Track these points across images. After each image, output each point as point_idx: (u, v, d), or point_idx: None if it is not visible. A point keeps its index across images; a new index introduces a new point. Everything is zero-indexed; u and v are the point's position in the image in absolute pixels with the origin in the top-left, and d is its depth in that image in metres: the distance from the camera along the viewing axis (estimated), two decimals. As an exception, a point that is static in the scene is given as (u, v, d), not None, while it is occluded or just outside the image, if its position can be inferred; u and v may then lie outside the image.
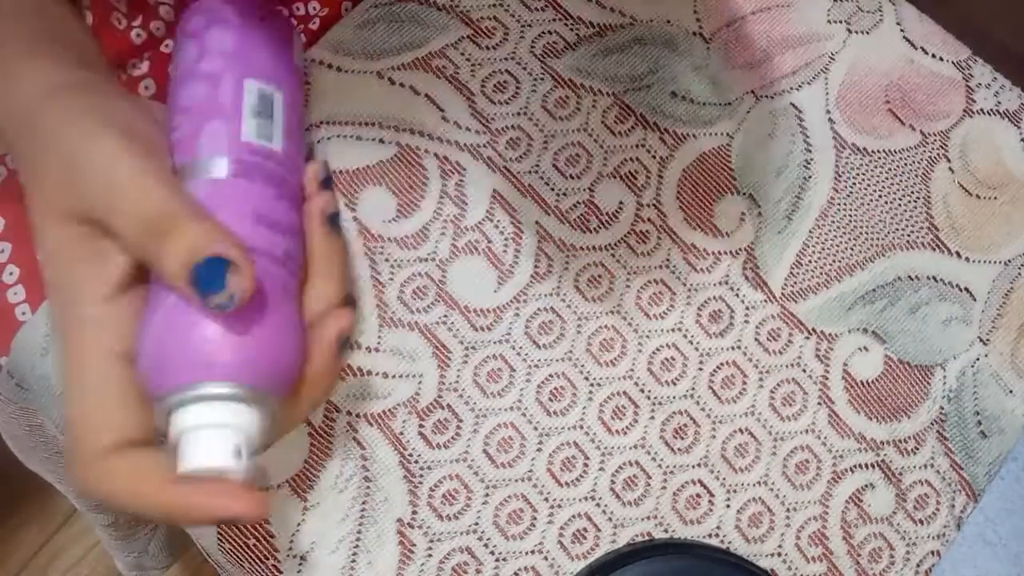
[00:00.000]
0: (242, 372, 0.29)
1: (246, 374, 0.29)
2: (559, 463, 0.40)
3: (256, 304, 0.30)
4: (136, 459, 0.29)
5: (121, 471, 0.29)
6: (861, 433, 0.42)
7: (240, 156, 0.32)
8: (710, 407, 0.41)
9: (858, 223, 0.44)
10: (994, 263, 0.44)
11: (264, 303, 0.30)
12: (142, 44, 0.43)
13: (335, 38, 0.44)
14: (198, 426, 0.28)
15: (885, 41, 0.46)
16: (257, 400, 0.29)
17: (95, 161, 0.29)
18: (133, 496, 0.29)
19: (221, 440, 0.29)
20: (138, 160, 0.29)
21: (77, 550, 0.96)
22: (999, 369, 0.44)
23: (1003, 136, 0.46)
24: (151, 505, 0.29)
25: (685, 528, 0.41)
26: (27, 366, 0.40)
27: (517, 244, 0.42)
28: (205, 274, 0.27)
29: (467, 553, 0.39)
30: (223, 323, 0.29)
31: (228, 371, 0.29)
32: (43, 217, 0.30)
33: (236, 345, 0.29)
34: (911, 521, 0.42)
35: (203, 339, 0.29)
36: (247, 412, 0.29)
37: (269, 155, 0.33)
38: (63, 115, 0.29)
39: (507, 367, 0.41)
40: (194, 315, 0.29)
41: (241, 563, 0.38)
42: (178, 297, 0.29)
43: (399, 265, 0.41)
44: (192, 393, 0.28)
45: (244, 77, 0.34)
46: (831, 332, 0.43)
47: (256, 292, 0.29)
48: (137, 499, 0.29)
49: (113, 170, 0.29)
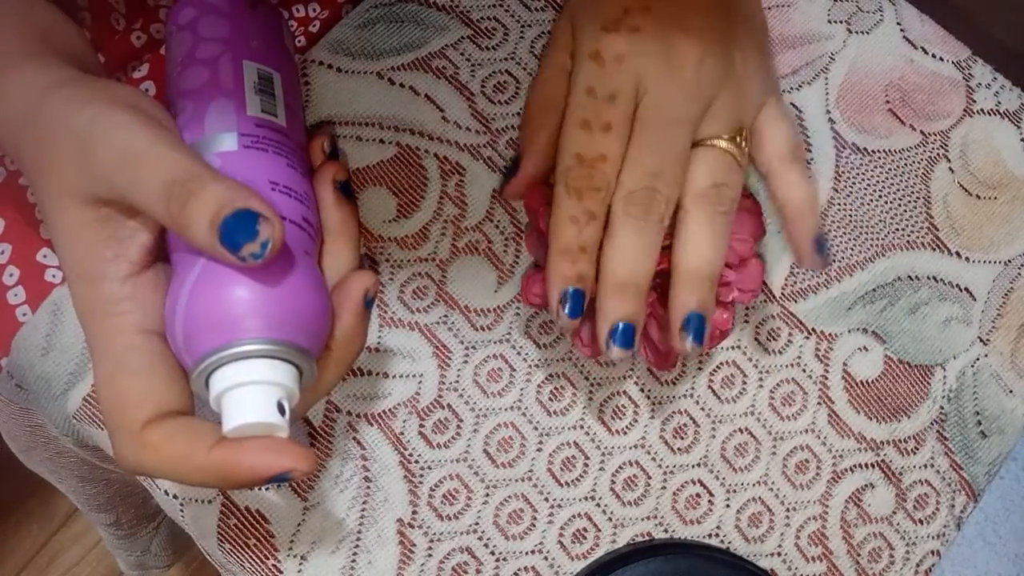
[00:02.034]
0: (277, 328, 0.29)
1: (281, 330, 0.29)
2: (559, 463, 0.40)
3: (283, 263, 0.30)
4: (177, 428, 0.29)
5: (163, 442, 0.29)
6: (861, 433, 0.42)
7: (247, 129, 0.33)
8: (710, 407, 0.41)
9: (858, 223, 0.44)
10: (994, 263, 0.44)
11: (291, 262, 0.30)
12: (142, 47, 0.43)
13: (335, 38, 0.44)
14: (240, 384, 0.29)
15: (885, 41, 0.46)
16: (293, 356, 0.29)
17: (110, 137, 0.29)
18: (180, 464, 0.29)
19: (264, 396, 0.29)
20: (151, 129, 0.29)
21: (77, 550, 0.96)
22: (999, 369, 0.44)
23: (1003, 136, 0.46)
24: (200, 470, 0.29)
25: (685, 528, 0.41)
26: (27, 366, 0.40)
27: (517, 244, 0.42)
28: (235, 225, 0.27)
29: (467, 553, 0.39)
30: (254, 282, 0.29)
31: (263, 328, 0.29)
32: (57, 204, 0.29)
33: (268, 303, 0.29)
34: (911, 521, 0.42)
35: (236, 299, 0.29)
36: (285, 368, 0.29)
37: (276, 128, 0.33)
38: (68, 104, 0.29)
39: (507, 367, 0.41)
40: (224, 277, 0.29)
41: (241, 563, 0.39)
42: (206, 261, 0.29)
43: (399, 265, 0.41)
44: (230, 352, 0.29)
45: (242, 59, 0.34)
46: (831, 332, 0.43)
47: (282, 251, 0.29)
48: (184, 467, 0.29)
49: (130, 142, 0.29)
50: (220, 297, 0.29)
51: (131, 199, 0.29)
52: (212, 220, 0.27)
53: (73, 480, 0.58)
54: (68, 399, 0.39)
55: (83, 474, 0.57)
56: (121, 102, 0.30)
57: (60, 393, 0.39)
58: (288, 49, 0.38)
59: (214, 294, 0.29)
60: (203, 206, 0.27)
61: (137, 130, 0.29)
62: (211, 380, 0.29)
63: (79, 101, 0.29)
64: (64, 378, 0.39)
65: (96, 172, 0.29)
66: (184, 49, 0.35)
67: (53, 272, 0.40)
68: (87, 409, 0.39)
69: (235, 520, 0.39)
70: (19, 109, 0.30)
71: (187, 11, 0.36)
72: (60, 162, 0.29)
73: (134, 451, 0.29)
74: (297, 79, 0.38)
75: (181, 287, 0.30)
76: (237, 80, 0.34)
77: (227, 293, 0.29)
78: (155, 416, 0.29)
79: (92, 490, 0.61)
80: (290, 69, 0.37)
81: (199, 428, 0.29)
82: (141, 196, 0.28)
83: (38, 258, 0.40)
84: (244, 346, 0.29)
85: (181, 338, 0.29)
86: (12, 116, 0.30)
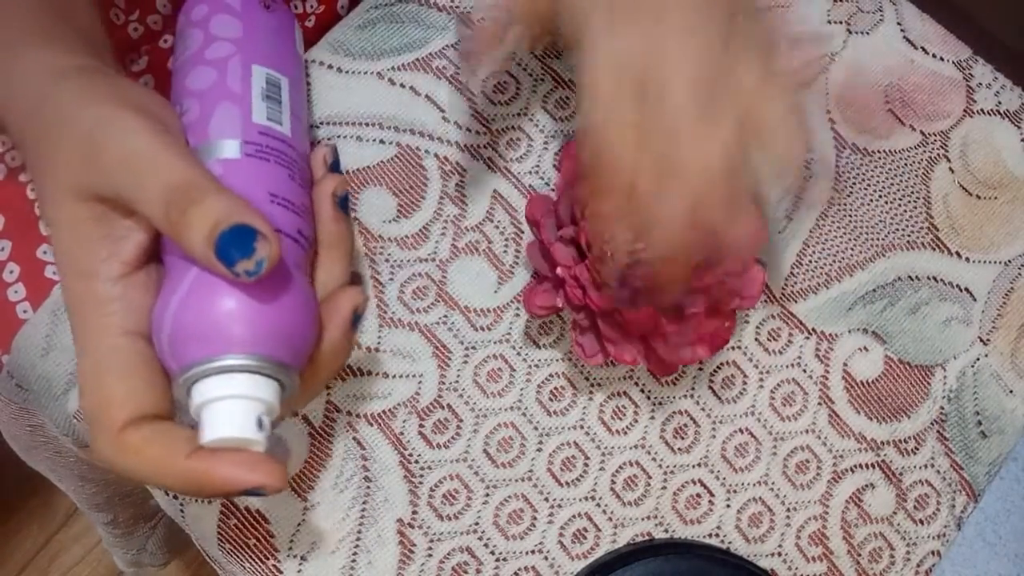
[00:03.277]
0: (263, 344, 0.29)
1: (267, 346, 0.29)
2: (559, 463, 0.40)
3: (275, 279, 0.30)
4: (155, 433, 0.29)
5: (141, 445, 0.29)
6: (861, 433, 0.42)
7: (251, 138, 0.33)
8: (710, 407, 0.41)
9: (858, 223, 0.44)
10: (994, 263, 0.44)
11: (283, 278, 0.30)
12: (139, 39, 0.43)
13: (335, 38, 0.44)
14: (221, 397, 0.29)
15: (885, 41, 0.46)
16: (277, 372, 0.29)
17: (115, 137, 0.29)
18: (156, 469, 0.29)
19: (244, 411, 0.29)
20: (158, 135, 0.29)
21: (77, 550, 0.96)
22: (999, 369, 0.44)
23: (1003, 136, 0.46)
24: (173, 476, 0.29)
25: (685, 528, 0.41)
26: (27, 366, 0.40)
27: (517, 244, 0.42)
28: (232, 241, 0.27)
29: (467, 553, 0.39)
30: (244, 296, 0.29)
31: (250, 343, 0.29)
32: (55, 197, 0.30)
33: (257, 318, 0.29)
34: (911, 521, 0.42)
35: (225, 312, 0.29)
36: (268, 384, 0.29)
37: (279, 137, 0.33)
38: (76, 97, 0.29)
39: (507, 367, 0.41)
40: (215, 289, 0.29)
41: (241, 563, 0.39)
42: (199, 271, 0.29)
43: (399, 265, 0.41)
44: (215, 365, 0.29)
45: (251, 62, 0.34)
46: (831, 332, 0.43)
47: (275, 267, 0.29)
48: (160, 472, 0.29)
49: (134, 144, 0.29)
50: (210, 308, 0.29)
51: (131, 200, 0.29)
52: (210, 232, 0.27)
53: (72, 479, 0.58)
54: (68, 399, 0.39)
55: (82, 473, 0.57)
56: (131, 103, 0.30)
57: (60, 393, 0.39)
58: (298, 53, 0.37)
59: (204, 305, 0.29)
60: (202, 216, 0.28)
61: (144, 134, 0.29)
62: (193, 390, 0.29)
63: (89, 97, 0.29)
64: (64, 378, 0.39)
65: (99, 169, 0.29)
66: (195, 46, 0.35)
67: (54, 269, 0.40)
68: (87, 409, 0.39)
69: (235, 520, 0.39)
70: (28, 93, 0.30)
71: (200, 7, 0.36)
72: (63, 154, 0.29)
73: (112, 450, 0.29)
74: (303, 82, 0.38)
75: (172, 294, 0.29)
76: (245, 85, 0.34)
77: (217, 305, 0.29)
78: (135, 418, 0.29)
79: (91, 489, 0.61)
80: (298, 71, 0.37)
81: (177, 435, 0.29)
82: (141, 198, 0.28)
83: (38, 255, 0.40)
84: (229, 360, 0.29)
85: (168, 343, 0.29)
86: (20, 100, 0.30)
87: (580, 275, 0.36)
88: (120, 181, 0.29)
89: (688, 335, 0.37)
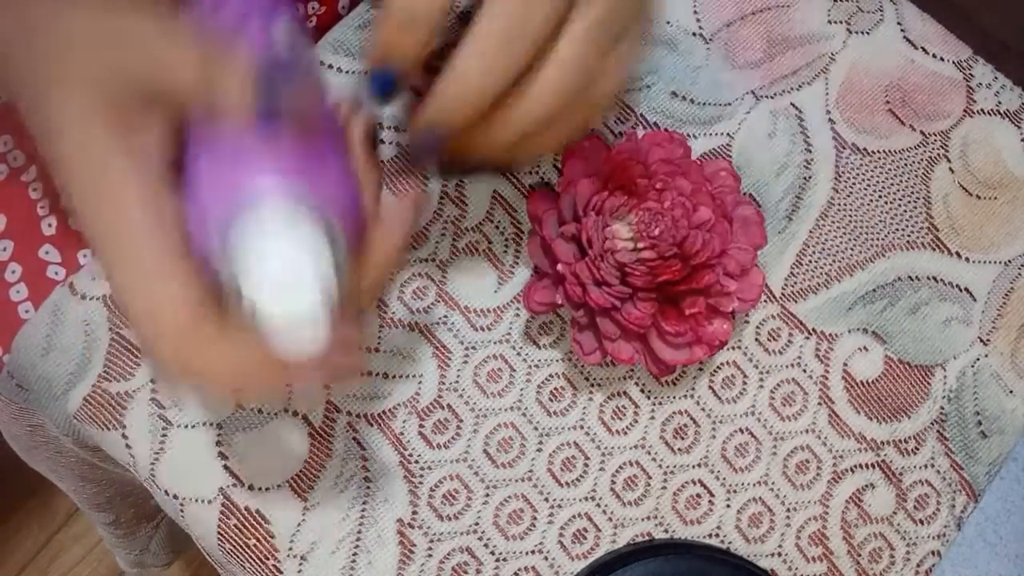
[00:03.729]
0: (307, 198, 0.28)
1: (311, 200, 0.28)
2: (559, 463, 0.40)
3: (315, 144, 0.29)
4: (222, 322, 0.28)
5: (215, 335, 0.28)
6: (861, 433, 0.42)
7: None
8: (710, 407, 0.41)
9: (858, 223, 0.44)
10: (994, 263, 0.44)
11: (324, 144, 0.30)
12: None
13: (335, 38, 0.44)
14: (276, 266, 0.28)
15: (885, 41, 0.46)
16: (329, 232, 0.28)
17: (133, 26, 0.28)
18: (236, 358, 0.28)
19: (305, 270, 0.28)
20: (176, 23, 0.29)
21: (78, 550, 0.96)
22: (999, 369, 0.44)
23: (1004, 136, 0.46)
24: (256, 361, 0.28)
25: (685, 528, 0.41)
26: (28, 366, 0.40)
27: (517, 244, 0.42)
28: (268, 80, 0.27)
29: (467, 553, 0.39)
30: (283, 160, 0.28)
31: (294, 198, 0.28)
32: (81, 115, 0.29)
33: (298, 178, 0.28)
34: (911, 521, 0.42)
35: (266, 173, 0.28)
36: (323, 243, 0.28)
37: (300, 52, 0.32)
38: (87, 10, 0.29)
39: (507, 367, 0.41)
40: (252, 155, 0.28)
41: (241, 563, 0.39)
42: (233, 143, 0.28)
43: (399, 265, 0.41)
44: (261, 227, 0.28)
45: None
46: (831, 332, 0.43)
47: (312, 135, 0.29)
48: (241, 361, 0.28)
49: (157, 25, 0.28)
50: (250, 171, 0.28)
51: (157, 80, 0.28)
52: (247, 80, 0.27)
53: (73, 479, 0.58)
54: (68, 399, 0.39)
55: (83, 473, 0.57)
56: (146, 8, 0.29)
57: (61, 393, 0.39)
58: None
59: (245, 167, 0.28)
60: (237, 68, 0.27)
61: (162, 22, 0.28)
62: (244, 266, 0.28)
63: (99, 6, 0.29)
64: (64, 378, 0.39)
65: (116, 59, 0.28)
66: None
67: (55, 269, 0.40)
68: (87, 409, 0.39)
69: (235, 520, 0.39)
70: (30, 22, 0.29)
71: None
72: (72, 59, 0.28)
73: (184, 351, 0.28)
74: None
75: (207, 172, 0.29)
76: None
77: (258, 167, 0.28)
78: (198, 316, 0.28)
79: (92, 489, 0.61)
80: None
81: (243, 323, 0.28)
82: (170, 74, 0.28)
83: (40, 255, 0.40)
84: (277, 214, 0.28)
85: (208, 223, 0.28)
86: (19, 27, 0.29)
87: (580, 272, 0.36)
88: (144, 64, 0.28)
89: (687, 335, 0.37)
